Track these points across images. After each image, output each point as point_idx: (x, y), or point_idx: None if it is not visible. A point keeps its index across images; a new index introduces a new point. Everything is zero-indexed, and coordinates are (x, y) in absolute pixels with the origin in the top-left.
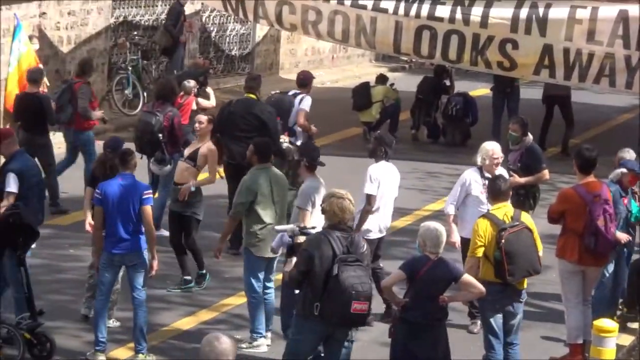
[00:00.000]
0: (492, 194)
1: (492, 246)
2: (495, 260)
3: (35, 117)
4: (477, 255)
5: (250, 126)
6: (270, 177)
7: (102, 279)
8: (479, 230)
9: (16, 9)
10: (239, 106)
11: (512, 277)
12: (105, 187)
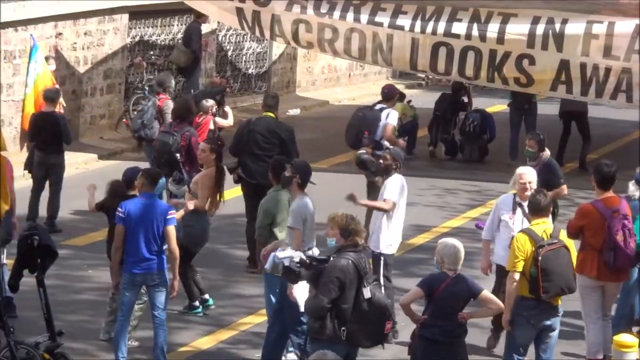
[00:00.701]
0: (531, 209)
1: (529, 262)
2: (531, 276)
3: (51, 137)
4: (518, 269)
5: (271, 145)
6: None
7: (123, 299)
8: (519, 244)
9: (32, 30)
10: (259, 125)
11: (546, 294)
12: (128, 205)
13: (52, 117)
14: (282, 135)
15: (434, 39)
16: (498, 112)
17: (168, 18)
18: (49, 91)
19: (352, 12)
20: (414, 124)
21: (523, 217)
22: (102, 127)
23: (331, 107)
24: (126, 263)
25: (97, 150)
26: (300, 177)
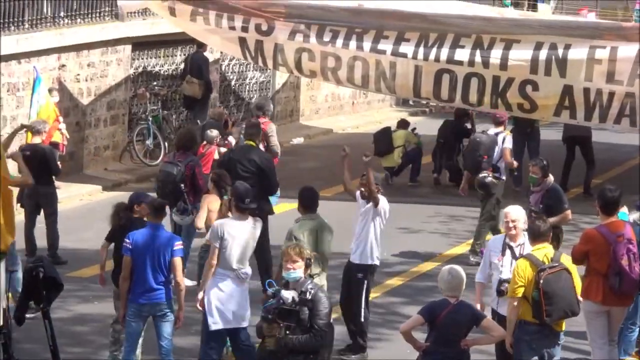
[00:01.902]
0: (531, 234)
1: (530, 286)
2: (533, 300)
3: (39, 168)
4: (518, 294)
5: (248, 172)
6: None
7: (129, 329)
8: (519, 270)
9: (35, 62)
10: (239, 153)
11: (550, 318)
12: (135, 236)
13: (38, 149)
14: (260, 164)
15: (436, 65)
16: None
17: (171, 48)
18: (35, 123)
19: (355, 40)
20: (418, 151)
21: (512, 259)
22: (106, 159)
23: (335, 135)
24: (133, 293)
25: (101, 181)
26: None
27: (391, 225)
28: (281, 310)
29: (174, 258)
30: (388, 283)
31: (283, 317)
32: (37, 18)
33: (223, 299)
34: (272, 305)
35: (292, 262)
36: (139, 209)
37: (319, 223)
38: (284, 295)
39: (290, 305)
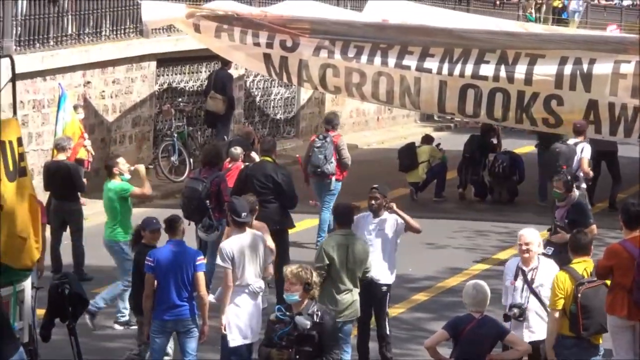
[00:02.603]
0: (572, 247)
1: (569, 300)
2: (570, 313)
3: (64, 185)
4: (558, 307)
5: (266, 187)
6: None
7: (153, 346)
8: (559, 283)
9: (61, 79)
10: (256, 169)
11: (586, 332)
12: (157, 254)
13: (63, 166)
14: (278, 179)
15: (461, 81)
16: (527, 153)
17: (196, 65)
18: (60, 140)
19: (380, 56)
20: (442, 166)
21: (524, 283)
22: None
23: (360, 150)
24: (157, 310)
25: None
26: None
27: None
28: (298, 336)
29: (197, 273)
30: (413, 298)
31: (300, 343)
32: (62, 35)
33: (240, 314)
34: (286, 331)
35: (290, 284)
36: (143, 234)
37: (350, 238)
38: (302, 322)
39: (308, 331)
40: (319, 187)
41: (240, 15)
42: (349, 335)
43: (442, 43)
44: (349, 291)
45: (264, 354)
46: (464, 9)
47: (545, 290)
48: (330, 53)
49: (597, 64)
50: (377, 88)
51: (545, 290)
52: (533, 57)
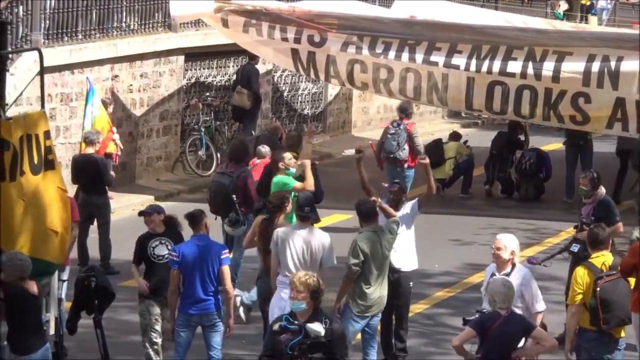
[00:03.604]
0: (590, 242)
1: (588, 294)
2: (590, 307)
3: (92, 178)
4: (577, 302)
5: None
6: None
7: (178, 339)
8: (577, 279)
9: (89, 73)
10: None
11: (607, 325)
12: (182, 248)
13: (91, 159)
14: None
15: (489, 78)
16: (554, 150)
17: (223, 59)
18: (89, 133)
19: (407, 52)
20: (469, 163)
21: None
22: (159, 169)
23: None
24: (182, 304)
25: (154, 191)
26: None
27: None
28: (311, 344)
29: (222, 267)
30: (437, 295)
31: (313, 351)
32: (91, 29)
33: (283, 306)
34: (298, 341)
35: (297, 292)
36: (147, 222)
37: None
38: (314, 330)
39: (320, 338)
40: (391, 172)
41: (269, 10)
42: (375, 330)
43: (470, 40)
44: (379, 286)
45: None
46: (492, 6)
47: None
48: (358, 49)
49: (624, 62)
50: (404, 84)
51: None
52: (561, 54)
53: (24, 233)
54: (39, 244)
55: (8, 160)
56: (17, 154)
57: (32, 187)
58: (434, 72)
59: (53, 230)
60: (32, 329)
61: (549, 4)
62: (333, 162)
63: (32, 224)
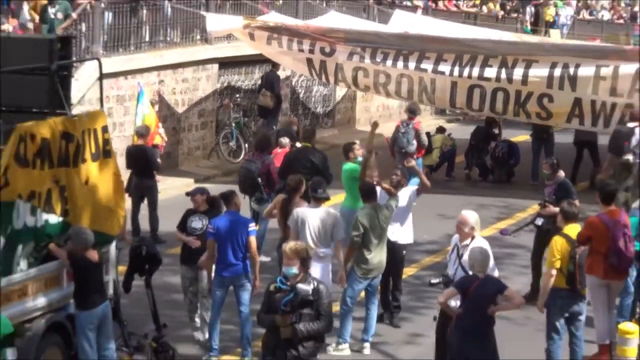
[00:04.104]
0: (564, 216)
1: (565, 259)
2: (568, 271)
3: (143, 165)
4: (556, 266)
5: (306, 169)
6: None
7: (214, 297)
8: (557, 246)
9: (139, 78)
10: (298, 153)
11: (582, 285)
12: (217, 222)
13: (142, 149)
14: (316, 161)
15: (469, 81)
16: (522, 141)
17: (251, 67)
18: (140, 128)
19: (402, 61)
20: (452, 151)
21: (457, 257)
22: (197, 157)
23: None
24: (217, 268)
25: (194, 175)
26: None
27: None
28: (301, 301)
29: (250, 237)
30: (425, 260)
31: (302, 307)
32: (141, 42)
33: None
34: (290, 298)
35: (289, 260)
36: (192, 200)
37: (378, 210)
38: (303, 289)
39: (308, 296)
40: (402, 163)
41: (288, 27)
42: (376, 289)
43: (453, 50)
44: (378, 253)
45: (267, 319)
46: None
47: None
48: (361, 58)
49: (581, 68)
50: (399, 87)
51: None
52: (528, 62)
53: (86, 210)
54: (99, 219)
55: (72, 150)
56: (79, 146)
57: (92, 172)
58: (424, 77)
59: (110, 208)
60: (93, 289)
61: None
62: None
63: (92, 202)
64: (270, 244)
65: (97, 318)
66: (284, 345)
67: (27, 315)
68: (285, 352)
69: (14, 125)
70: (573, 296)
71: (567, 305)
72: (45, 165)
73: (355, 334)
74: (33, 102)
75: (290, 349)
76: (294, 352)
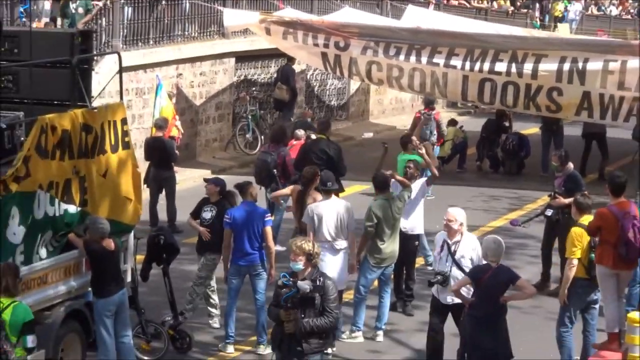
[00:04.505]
0: (578, 209)
1: (585, 250)
2: (589, 261)
3: (161, 157)
4: (576, 257)
5: (321, 160)
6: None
7: (230, 285)
8: (577, 237)
9: (158, 71)
10: (313, 145)
11: None
12: (233, 212)
13: (160, 141)
14: (331, 153)
15: (480, 75)
16: (532, 134)
17: (267, 61)
18: (158, 120)
19: (414, 55)
20: (464, 143)
21: (448, 254)
22: (215, 149)
23: (398, 131)
24: (234, 257)
25: (211, 167)
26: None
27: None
28: (301, 298)
29: (265, 227)
30: None
31: (302, 304)
32: (160, 36)
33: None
34: (290, 295)
35: (295, 255)
36: (206, 189)
37: (391, 201)
38: (302, 286)
39: (307, 294)
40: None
41: (303, 22)
42: (389, 278)
43: (465, 45)
44: (391, 243)
45: (274, 313)
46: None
47: (465, 261)
48: (375, 52)
49: (590, 62)
50: (412, 81)
51: (465, 261)
52: (538, 56)
53: (105, 200)
54: (117, 208)
55: (90, 141)
56: (98, 137)
57: (111, 163)
58: (436, 71)
59: (127, 198)
60: (110, 277)
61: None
62: (354, 143)
63: (111, 192)
64: (285, 234)
65: (114, 305)
66: (288, 340)
67: (46, 303)
68: (290, 346)
69: (36, 117)
70: (592, 285)
71: (586, 294)
72: (65, 156)
73: (369, 321)
74: (54, 95)
75: (295, 344)
76: (298, 347)
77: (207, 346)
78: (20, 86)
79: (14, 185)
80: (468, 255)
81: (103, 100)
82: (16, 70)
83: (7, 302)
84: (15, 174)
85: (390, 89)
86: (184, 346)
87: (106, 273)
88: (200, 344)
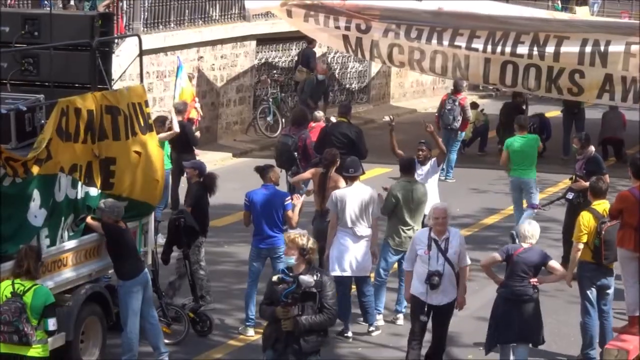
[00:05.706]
0: (592, 192)
1: (592, 235)
2: (594, 246)
3: (181, 140)
4: (582, 240)
5: (342, 143)
6: (411, 188)
7: (251, 268)
8: (584, 221)
9: (179, 54)
10: (334, 128)
11: (607, 260)
12: (252, 195)
13: (181, 125)
14: (352, 136)
15: (502, 58)
16: (554, 117)
17: (288, 44)
18: (178, 104)
19: (436, 38)
20: (485, 126)
21: (438, 252)
22: (235, 132)
23: (418, 114)
24: (254, 240)
25: (232, 150)
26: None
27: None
28: (303, 293)
29: (286, 211)
30: None
31: (304, 299)
32: (181, 19)
33: (342, 251)
34: (291, 290)
35: (288, 249)
36: (187, 171)
37: (413, 184)
38: (305, 280)
39: (311, 288)
40: (447, 136)
41: (324, 4)
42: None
43: (486, 27)
44: (411, 228)
45: (269, 311)
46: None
47: (455, 257)
48: (396, 35)
49: (612, 45)
50: (433, 63)
51: (455, 258)
52: (560, 38)
53: (136, 182)
54: (145, 189)
55: (122, 123)
56: (127, 118)
57: (143, 145)
58: (458, 54)
59: (155, 179)
60: (129, 256)
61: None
62: (375, 126)
63: (141, 173)
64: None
65: (141, 284)
66: (285, 339)
67: (67, 286)
68: (286, 345)
69: (56, 100)
70: (599, 269)
71: (595, 277)
72: (88, 138)
73: (389, 304)
74: (75, 78)
75: (292, 343)
76: (296, 345)
77: (228, 329)
78: (40, 69)
79: (35, 168)
80: (457, 251)
81: (124, 83)
82: (37, 53)
83: (29, 284)
84: (37, 156)
85: (411, 72)
86: (204, 329)
87: (126, 252)
88: (220, 327)
